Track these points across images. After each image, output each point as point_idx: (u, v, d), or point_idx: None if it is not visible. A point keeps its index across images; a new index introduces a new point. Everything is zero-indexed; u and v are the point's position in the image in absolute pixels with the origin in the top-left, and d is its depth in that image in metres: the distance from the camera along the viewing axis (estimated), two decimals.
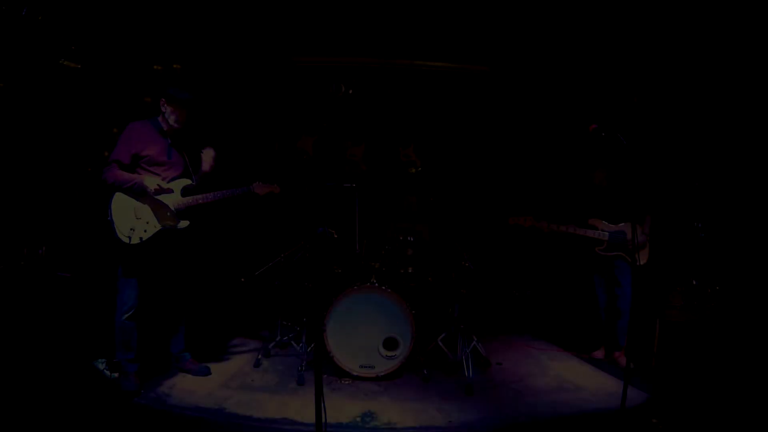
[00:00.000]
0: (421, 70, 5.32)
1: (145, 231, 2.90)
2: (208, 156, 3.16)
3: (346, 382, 3.23)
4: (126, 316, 2.90)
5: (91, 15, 3.80)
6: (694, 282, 3.44)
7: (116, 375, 2.95)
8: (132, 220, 2.88)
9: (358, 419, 2.65)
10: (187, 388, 2.97)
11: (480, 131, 5.74)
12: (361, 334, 3.29)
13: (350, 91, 2.22)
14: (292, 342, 3.90)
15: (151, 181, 2.86)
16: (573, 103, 5.25)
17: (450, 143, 5.68)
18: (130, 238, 2.84)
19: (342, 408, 2.78)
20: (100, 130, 4.43)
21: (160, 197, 2.95)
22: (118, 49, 4.45)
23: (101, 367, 3.09)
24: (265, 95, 5.51)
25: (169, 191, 2.95)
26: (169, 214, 2.99)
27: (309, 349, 3.49)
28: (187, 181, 3.09)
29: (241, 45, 5.25)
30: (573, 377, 3.45)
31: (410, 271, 3.67)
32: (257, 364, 3.48)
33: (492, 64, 5.24)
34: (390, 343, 3.29)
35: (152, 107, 4.50)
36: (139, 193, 2.88)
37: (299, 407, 2.75)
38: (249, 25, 4.88)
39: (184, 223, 3.05)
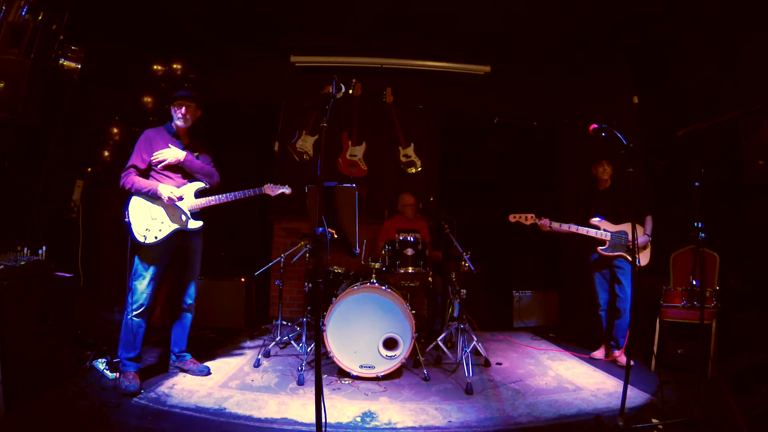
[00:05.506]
0: (420, 69, 5.32)
1: (160, 230, 3.00)
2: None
3: (346, 382, 3.23)
4: (135, 313, 2.93)
5: (91, 15, 3.80)
6: (694, 282, 3.44)
7: (116, 375, 2.96)
8: (147, 221, 2.99)
9: (358, 419, 2.65)
10: (187, 388, 2.97)
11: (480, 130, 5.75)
12: (361, 334, 3.29)
13: (350, 92, 2.21)
14: (292, 342, 3.91)
15: (164, 189, 2.98)
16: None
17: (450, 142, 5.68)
18: (145, 237, 2.95)
19: (342, 408, 2.78)
20: (99, 132, 4.44)
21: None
22: (118, 49, 4.45)
23: (102, 367, 3.10)
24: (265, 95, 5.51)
25: (180, 199, 3.04)
26: (182, 215, 3.09)
27: (309, 349, 3.50)
28: (200, 184, 3.18)
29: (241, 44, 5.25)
30: (573, 377, 3.45)
31: (410, 271, 3.67)
32: (257, 364, 3.49)
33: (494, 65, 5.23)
34: (390, 343, 3.29)
35: (153, 109, 4.51)
36: (154, 197, 3.01)
37: (299, 407, 2.76)
38: (248, 24, 4.88)
39: (196, 224, 3.15)
